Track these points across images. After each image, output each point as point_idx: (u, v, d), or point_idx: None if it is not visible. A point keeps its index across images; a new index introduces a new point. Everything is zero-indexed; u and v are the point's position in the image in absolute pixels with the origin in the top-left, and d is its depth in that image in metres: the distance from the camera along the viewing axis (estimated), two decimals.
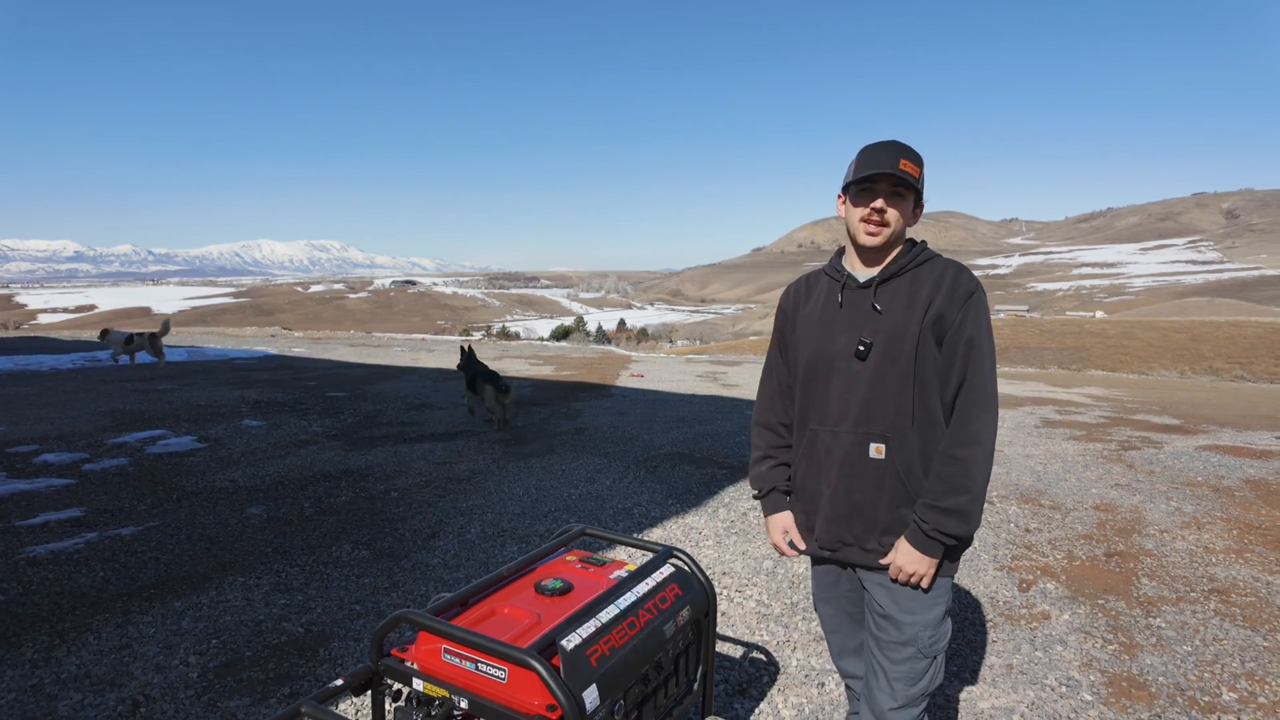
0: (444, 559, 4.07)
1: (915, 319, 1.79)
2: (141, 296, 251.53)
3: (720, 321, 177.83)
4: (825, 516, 1.92)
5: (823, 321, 1.93)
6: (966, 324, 1.77)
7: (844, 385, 1.86)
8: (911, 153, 1.81)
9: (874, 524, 1.86)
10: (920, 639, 1.85)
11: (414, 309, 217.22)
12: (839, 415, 1.87)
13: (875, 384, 1.82)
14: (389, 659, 1.75)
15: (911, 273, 1.86)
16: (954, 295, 1.79)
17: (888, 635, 1.88)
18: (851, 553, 1.91)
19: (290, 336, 23.42)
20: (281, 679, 2.81)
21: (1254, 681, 2.94)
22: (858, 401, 1.83)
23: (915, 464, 1.82)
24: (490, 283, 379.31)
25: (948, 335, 1.78)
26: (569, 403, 9.84)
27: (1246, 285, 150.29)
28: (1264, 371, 22.82)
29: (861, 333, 1.84)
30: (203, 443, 6.72)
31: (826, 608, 2.14)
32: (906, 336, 1.79)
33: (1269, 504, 5.38)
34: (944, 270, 1.84)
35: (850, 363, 1.85)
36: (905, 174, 1.78)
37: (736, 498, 5.41)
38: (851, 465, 1.86)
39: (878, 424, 1.82)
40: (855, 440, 1.84)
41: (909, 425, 1.81)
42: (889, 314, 1.82)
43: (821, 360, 1.91)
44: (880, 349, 1.81)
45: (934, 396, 1.81)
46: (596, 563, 2.09)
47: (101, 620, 3.25)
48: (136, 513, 4.73)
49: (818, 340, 1.92)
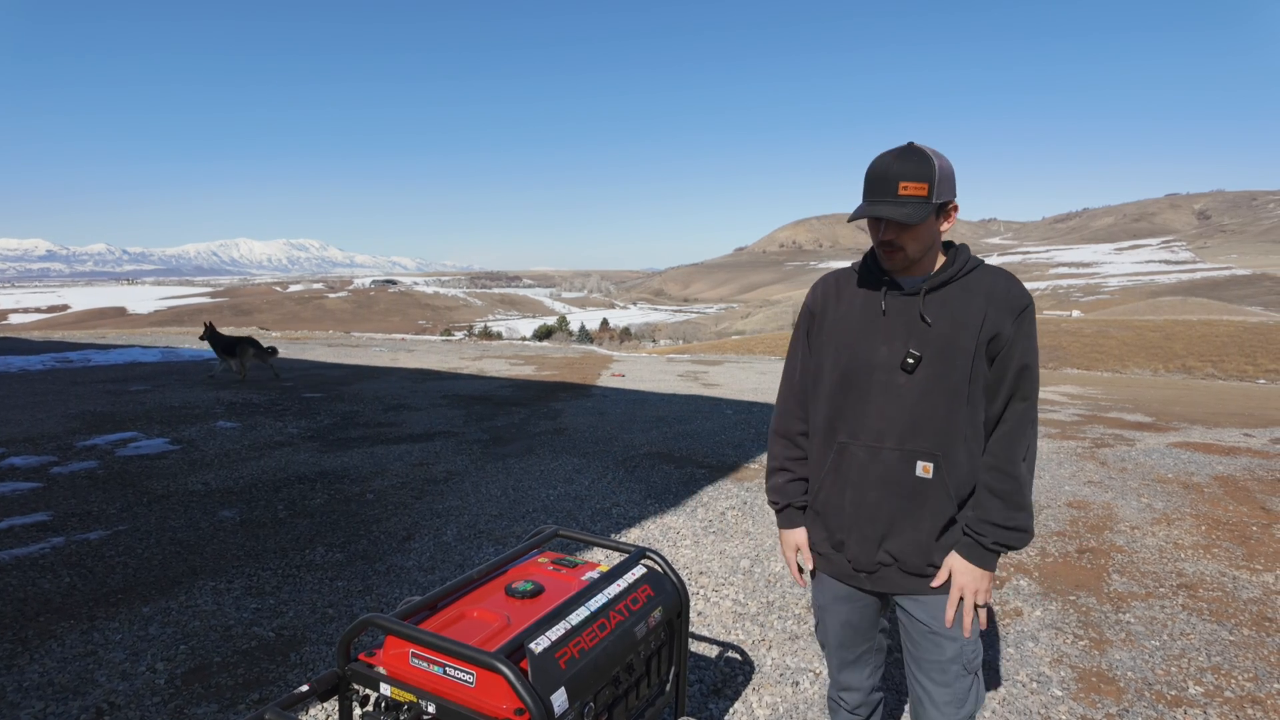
0: (419, 561, 4.04)
1: (969, 333, 1.68)
2: (116, 296, 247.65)
3: (703, 321, 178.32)
4: (862, 536, 1.79)
5: (861, 328, 1.79)
6: (1019, 340, 1.69)
7: (886, 399, 1.73)
8: (913, 167, 1.63)
9: (916, 545, 1.74)
10: (964, 654, 1.77)
11: (394, 309, 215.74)
12: (880, 430, 1.74)
13: (923, 399, 1.70)
14: (356, 664, 1.73)
15: (961, 281, 1.73)
16: (1008, 309, 1.68)
17: (932, 655, 1.79)
18: (889, 573, 1.79)
19: (268, 337, 23.13)
20: (250, 684, 2.77)
21: (1220, 675, 2.99)
22: (903, 417, 1.72)
23: (965, 484, 1.73)
24: (472, 282, 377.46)
25: (1001, 351, 1.69)
26: (549, 403, 9.81)
27: (1218, 285, 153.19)
28: (1234, 369, 23.27)
29: (909, 344, 1.71)
30: (175, 445, 6.62)
31: (835, 620, 1.95)
32: (960, 351, 1.68)
33: (1236, 500, 5.48)
34: (994, 281, 1.72)
35: (894, 375, 1.73)
36: (902, 209, 1.62)
37: (715, 497, 5.42)
38: (895, 484, 1.73)
39: (925, 441, 1.71)
40: (900, 458, 1.72)
41: (959, 444, 1.71)
42: (939, 326, 1.70)
43: (860, 370, 1.77)
44: (930, 362, 1.70)
45: (981, 414, 1.73)
46: (569, 564, 2.08)
47: (66, 627, 3.18)
48: (105, 516, 4.65)
49: (855, 348, 1.78)
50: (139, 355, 14.09)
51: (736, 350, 30.08)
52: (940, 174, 1.64)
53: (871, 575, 1.81)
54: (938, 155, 1.66)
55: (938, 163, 1.64)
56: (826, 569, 1.91)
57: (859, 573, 1.82)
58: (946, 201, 1.68)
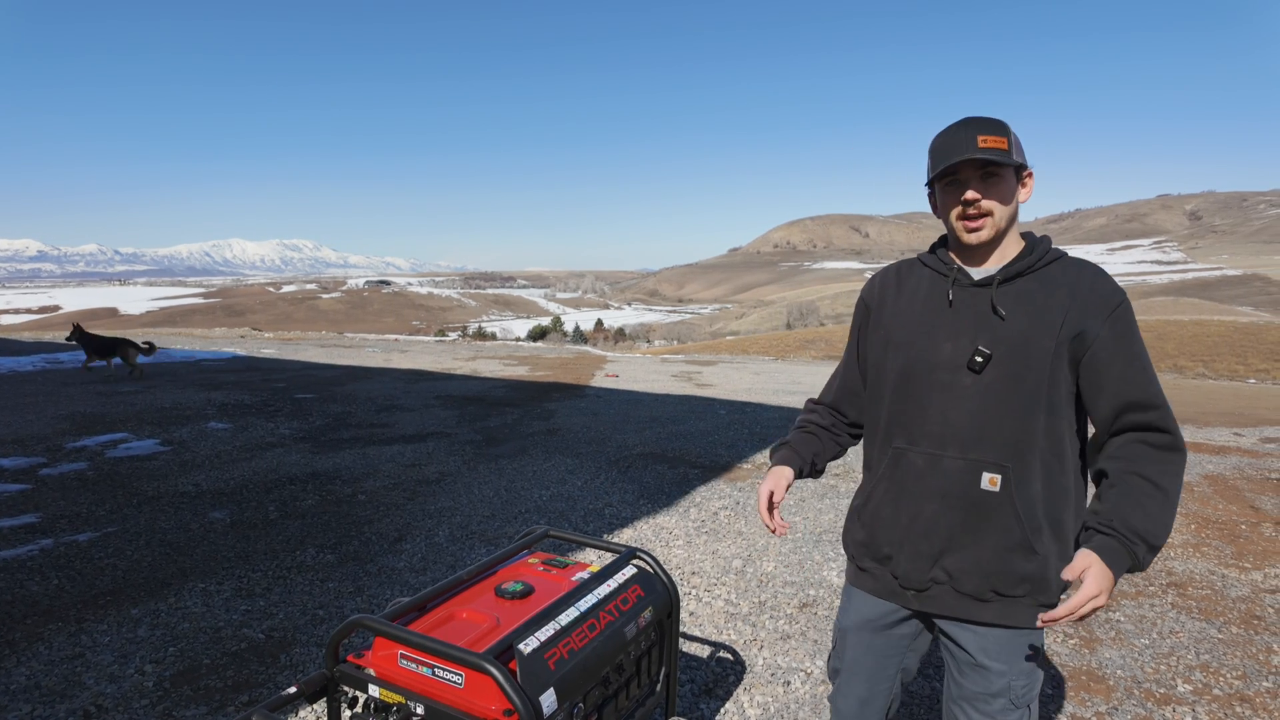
0: (411, 562, 4.02)
1: (1049, 331, 1.49)
2: (108, 297, 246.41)
3: (697, 321, 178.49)
4: (915, 552, 1.61)
5: (924, 322, 1.62)
6: (1116, 343, 1.48)
7: (948, 401, 1.56)
8: (990, 124, 1.51)
9: (976, 565, 1.55)
10: (1013, 689, 1.58)
11: (388, 309, 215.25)
12: (940, 436, 1.57)
13: (993, 403, 1.52)
14: (345, 665, 1.72)
15: (1039, 273, 1.55)
16: (1096, 306, 1.49)
17: (974, 687, 1.61)
18: (941, 593, 1.60)
19: (260, 337, 23.05)
20: (240, 686, 2.76)
21: (1208, 673, 3.00)
22: (968, 422, 1.54)
23: (1037, 503, 1.53)
24: (466, 283, 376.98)
25: (1087, 354, 1.49)
26: (542, 403, 9.80)
27: (1209, 285, 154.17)
28: (1225, 369, 23.42)
29: (978, 340, 1.53)
30: (166, 446, 6.58)
31: (856, 644, 1.77)
32: (1037, 350, 1.49)
33: (1226, 499, 5.51)
34: (1080, 273, 1.53)
35: (959, 375, 1.55)
36: (989, 152, 1.47)
37: (708, 497, 5.42)
38: (957, 496, 1.55)
39: (993, 451, 1.52)
40: (964, 468, 1.54)
41: (1032, 455, 1.51)
42: (1014, 321, 1.52)
43: (920, 369, 1.60)
44: (1002, 362, 1.51)
45: (1064, 424, 1.53)
46: (559, 565, 2.07)
47: (54, 629, 3.16)
48: (95, 518, 4.62)
49: (916, 344, 1.62)
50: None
51: (731, 351, 30.13)
52: (1014, 134, 1.53)
53: (920, 594, 1.63)
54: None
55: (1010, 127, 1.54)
56: (865, 585, 1.74)
57: (906, 590, 1.65)
58: (1024, 166, 1.56)
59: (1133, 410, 1.49)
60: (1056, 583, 1.54)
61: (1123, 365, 1.49)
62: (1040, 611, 1.55)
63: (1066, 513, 1.57)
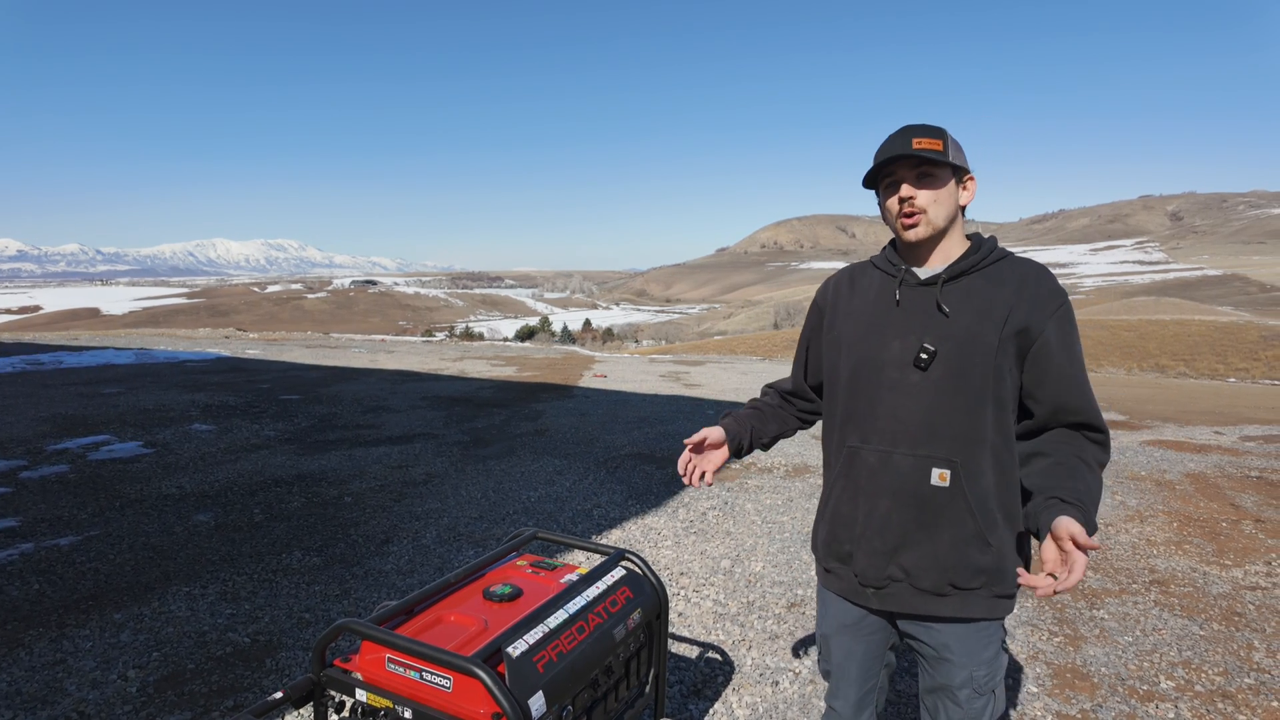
0: (398, 565, 4.00)
1: (993, 326, 1.52)
2: (90, 297, 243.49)
3: (685, 321, 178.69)
4: (871, 549, 1.64)
5: (874, 322, 1.66)
6: (1057, 338, 1.53)
7: (898, 399, 1.59)
8: (926, 129, 1.57)
9: (933, 560, 1.58)
10: (975, 679, 1.64)
11: (374, 309, 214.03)
12: (891, 434, 1.60)
13: (940, 400, 1.55)
14: (331, 669, 1.71)
15: (985, 271, 1.58)
16: (1042, 303, 1.53)
17: (941, 679, 1.67)
18: (900, 590, 1.63)
19: (245, 338, 22.84)
20: (225, 691, 2.73)
21: (1190, 670, 3.04)
22: (917, 419, 1.57)
23: (989, 496, 1.55)
24: (453, 282, 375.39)
25: (1032, 351, 1.54)
26: (530, 404, 9.77)
27: (1189, 285, 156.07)
28: (1206, 368, 23.73)
29: (923, 338, 1.57)
30: (149, 448, 6.51)
31: (839, 651, 1.81)
32: (981, 345, 1.52)
33: (1207, 497, 5.58)
34: (1026, 271, 1.57)
35: (907, 372, 1.58)
36: (923, 151, 1.53)
37: (696, 498, 5.43)
38: (909, 493, 1.58)
39: (942, 447, 1.55)
40: (914, 464, 1.57)
41: (982, 449, 1.54)
42: (958, 318, 1.55)
43: (870, 367, 1.63)
44: (947, 358, 1.55)
45: (1009, 418, 1.57)
46: (548, 567, 2.07)
47: (35, 635, 3.12)
48: (76, 521, 4.56)
49: (867, 343, 1.65)
50: (112, 357, 13.86)
51: (719, 350, 30.19)
52: (952, 139, 1.58)
53: (880, 591, 1.66)
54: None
55: (948, 131, 1.59)
56: (833, 586, 1.78)
57: (865, 588, 1.68)
58: (963, 169, 1.60)
59: (1070, 410, 1.56)
60: (1013, 574, 1.58)
61: (1065, 365, 1.54)
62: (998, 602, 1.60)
63: (1020, 504, 1.61)
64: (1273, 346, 27.56)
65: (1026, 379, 1.56)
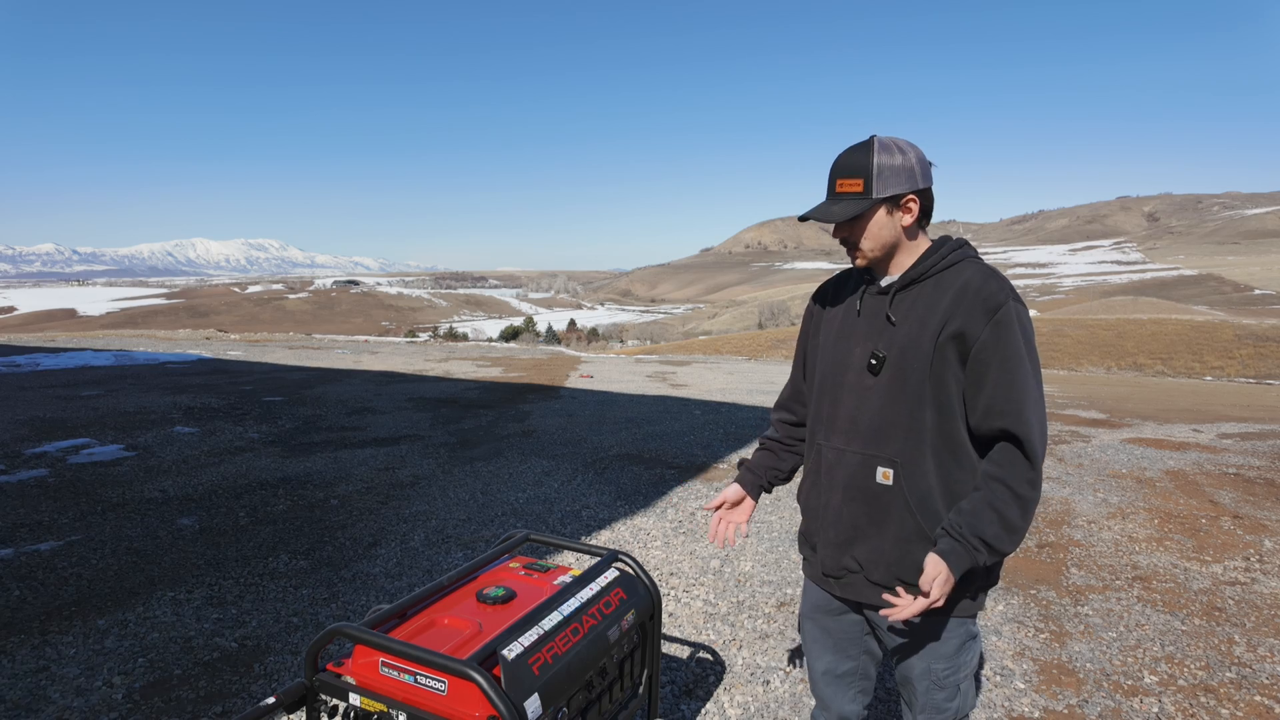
0: (386, 568, 3.98)
1: (929, 334, 1.59)
2: (66, 298, 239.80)
3: (670, 321, 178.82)
4: (828, 540, 1.76)
5: (841, 328, 1.77)
6: (991, 343, 1.54)
7: (854, 401, 1.69)
8: (851, 161, 1.61)
9: (880, 555, 1.67)
10: (933, 671, 1.72)
11: (357, 310, 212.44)
12: (847, 433, 1.71)
13: (887, 403, 1.64)
14: (324, 674, 1.70)
15: (935, 278, 1.64)
16: (979, 308, 1.55)
17: (903, 670, 1.78)
18: (855, 581, 1.73)
19: (226, 339, 22.58)
20: (213, 697, 2.70)
21: (1173, 664, 3.09)
22: (870, 421, 1.66)
23: (932, 497, 1.62)
24: (437, 282, 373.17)
25: (971, 354, 1.56)
26: (517, 405, 9.74)
27: (1166, 284, 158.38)
28: (1183, 367, 24.09)
29: (876, 345, 1.66)
30: (130, 451, 6.43)
31: (813, 626, 1.91)
32: (918, 353, 1.60)
33: (1186, 494, 5.67)
34: (969, 278, 1.60)
35: (863, 377, 1.68)
36: (841, 197, 1.61)
37: (685, 498, 5.44)
38: (857, 489, 1.69)
39: (888, 447, 1.64)
40: (862, 462, 1.68)
41: (923, 452, 1.62)
42: (903, 326, 1.63)
43: (835, 371, 1.75)
44: (892, 364, 1.63)
45: (957, 423, 1.61)
46: (541, 569, 2.06)
47: (16, 642, 3.07)
48: (57, 527, 4.49)
49: (836, 348, 1.76)
50: (91, 359, 13.66)
51: (704, 350, 30.25)
52: (881, 167, 1.58)
53: (839, 581, 1.77)
54: (889, 148, 1.59)
55: (879, 157, 1.58)
56: (808, 572, 1.91)
57: (828, 577, 1.80)
58: (898, 194, 1.60)
59: (996, 413, 1.56)
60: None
61: (998, 369, 1.55)
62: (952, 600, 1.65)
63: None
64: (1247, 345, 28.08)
65: (966, 382, 1.59)
